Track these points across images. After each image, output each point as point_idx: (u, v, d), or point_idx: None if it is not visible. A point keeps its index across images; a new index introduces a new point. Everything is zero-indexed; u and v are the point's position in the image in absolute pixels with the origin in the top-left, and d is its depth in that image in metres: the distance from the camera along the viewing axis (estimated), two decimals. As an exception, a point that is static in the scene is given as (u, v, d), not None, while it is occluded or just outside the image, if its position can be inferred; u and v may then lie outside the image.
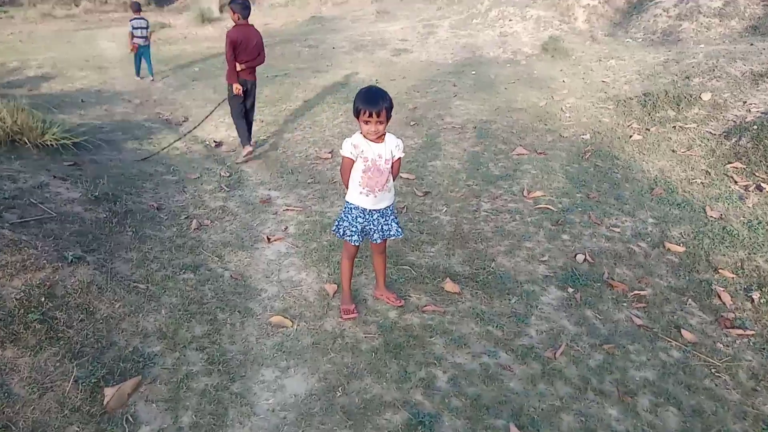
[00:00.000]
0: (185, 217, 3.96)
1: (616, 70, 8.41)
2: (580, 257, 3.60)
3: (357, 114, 2.59)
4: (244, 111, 5.59)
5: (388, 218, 2.83)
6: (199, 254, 3.46)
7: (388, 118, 2.60)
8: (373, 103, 2.52)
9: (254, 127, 6.53)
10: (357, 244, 2.81)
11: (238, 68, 5.41)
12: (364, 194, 2.73)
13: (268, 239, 3.72)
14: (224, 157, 5.63)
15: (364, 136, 2.64)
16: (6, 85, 8.56)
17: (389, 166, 2.72)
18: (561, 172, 4.97)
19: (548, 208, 4.28)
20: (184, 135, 6.18)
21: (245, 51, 5.41)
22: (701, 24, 9.92)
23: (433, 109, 6.87)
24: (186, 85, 8.91)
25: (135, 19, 9.72)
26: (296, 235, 3.82)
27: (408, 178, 4.89)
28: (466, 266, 3.49)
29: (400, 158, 2.79)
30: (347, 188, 2.79)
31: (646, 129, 5.92)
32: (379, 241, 2.83)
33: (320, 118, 6.86)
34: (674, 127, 5.85)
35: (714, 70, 6.92)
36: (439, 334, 2.81)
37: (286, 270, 3.38)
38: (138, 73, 9.76)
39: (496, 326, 2.90)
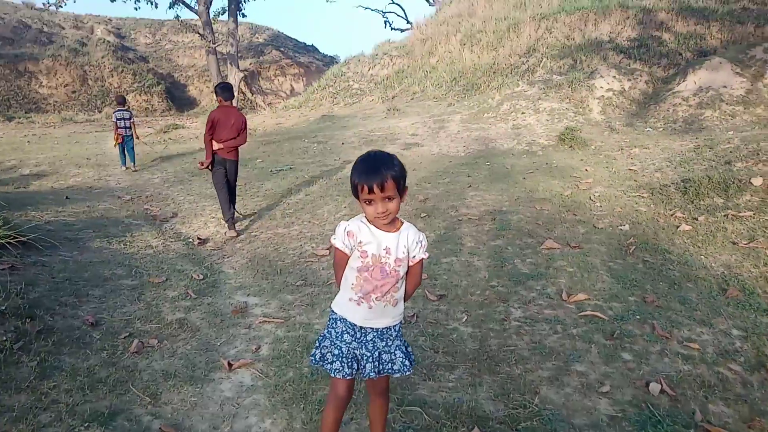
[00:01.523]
0: (126, 336, 3.09)
1: (642, 158, 7.78)
2: (654, 387, 2.64)
3: (355, 193, 1.83)
4: (227, 188, 5.70)
5: (390, 343, 1.97)
6: (123, 394, 2.55)
7: (401, 191, 1.82)
8: (373, 172, 1.76)
9: (247, 221, 5.92)
10: (346, 377, 1.91)
11: (216, 146, 5.59)
12: (354, 302, 1.90)
13: (229, 365, 2.81)
14: (205, 256, 4.86)
15: (370, 222, 1.86)
16: (-7, 183, 8.12)
17: (401, 269, 1.91)
18: (603, 269, 4.11)
19: (597, 316, 3.37)
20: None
21: (224, 130, 5.61)
22: (725, 112, 9.44)
23: (446, 200, 6.17)
24: (183, 181, 8.41)
25: (119, 110, 9.91)
26: (269, 359, 2.92)
27: (418, 279, 4.04)
28: (500, 403, 2.55)
29: (422, 261, 1.97)
30: (339, 285, 1.99)
31: (694, 218, 5.11)
32: (373, 376, 1.94)
33: (321, 212, 6.18)
34: (726, 216, 5.04)
35: (758, 153, 6.23)
36: None
37: (244, 416, 2.44)
38: (124, 164, 9.79)
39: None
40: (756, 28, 11.26)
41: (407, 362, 1.98)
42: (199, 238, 5.39)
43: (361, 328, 1.92)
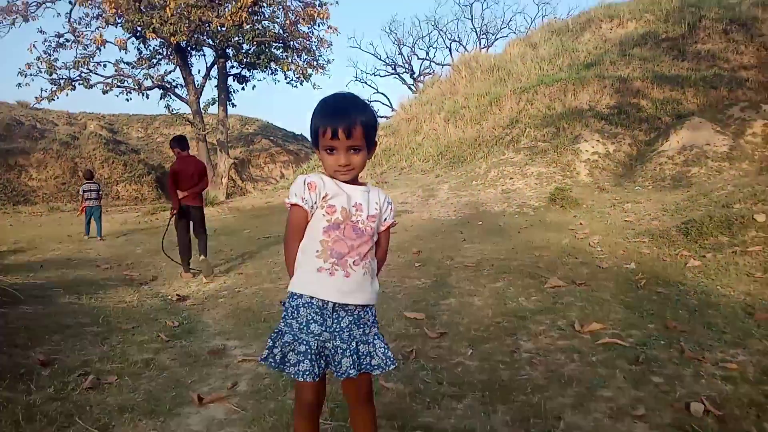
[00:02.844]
0: (80, 375, 2.66)
1: (636, 211, 7.66)
2: (696, 408, 2.26)
3: (315, 140, 1.56)
4: (189, 237, 6.01)
5: (367, 330, 1.60)
6: (66, 427, 2.12)
7: (370, 145, 1.56)
8: (339, 113, 1.50)
9: (231, 279, 5.60)
10: (310, 379, 1.52)
11: (181, 195, 5.87)
12: (326, 272, 1.53)
13: (200, 399, 2.39)
14: (182, 309, 4.46)
15: (331, 176, 1.58)
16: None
17: (373, 226, 1.61)
18: (616, 302, 3.79)
19: (617, 343, 3.02)
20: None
21: (185, 179, 5.90)
22: (711, 168, 9.50)
23: (440, 252, 5.90)
24: (167, 250, 8.08)
25: (86, 183, 10.81)
26: (247, 394, 2.50)
27: (416, 318, 3.68)
28: (519, 429, 2.15)
29: (389, 227, 1.68)
30: (291, 273, 1.64)
31: (701, 256, 4.87)
32: (353, 374, 1.54)
33: (309, 270, 5.85)
34: (734, 252, 4.81)
35: (755, 195, 6.12)
36: None
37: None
38: (87, 232, 10.23)
39: None
40: (729, 92, 11.66)
41: (389, 354, 1.60)
42: (178, 295, 5.00)
43: (333, 311, 1.55)
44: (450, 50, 36.35)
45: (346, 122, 1.47)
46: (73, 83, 19.22)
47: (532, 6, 47.84)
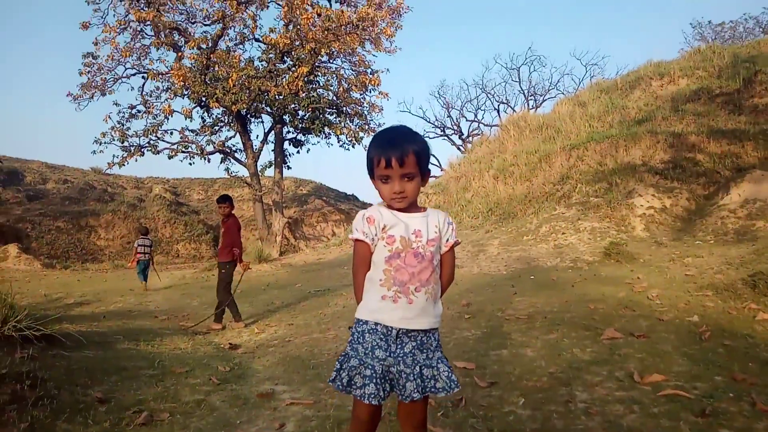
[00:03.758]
0: (134, 411, 2.75)
1: (697, 265, 7.31)
2: (770, 460, 2.11)
3: (371, 170, 1.65)
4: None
5: (431, 355, 1.64)
6: None
7: (423, 173, 1.64)
8: (392, 144, 1.59)
9: (282, 330, 5.72)
10: (375, 402, 1.56)
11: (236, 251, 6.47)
12: (389, 299, 1.60)
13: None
14: (234, 356, 4.55)
15: (388, 206, 1.66)
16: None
17: (434, 250, 1.65)
18: (678, 354, 3.60)
19: (680, 395, 2.86)
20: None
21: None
22: (778, 221, 9.03)
23: (491, 305, 5.81)
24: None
25: (141, 238, 12.05)
26: (296, 433, 2.52)
27: (465, 368, 3.62)
28: (574, 475, 2.06)
29: (454, 246, 1.73)
30: (359, 300, 1.71)
31: (771, 309, 4.59)
32: (417, 397, 1.58)
33: (359, 322, 5.87)
34: (808, 305, 4.51)
35: (828, 246, 5.76)
36: None
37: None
38: (144, 280, 11.36)
39: None
40: (791, 144, 11.22)
41: (453, 377, 1.63)
42: (230, 344, 5.12)
43: (397, 337, 1.61)
44: (498, 111, 36.86)
45: (398, 151, 1.56)
46: (142, 149, 20.64)
47: (580, 68, 48.39)
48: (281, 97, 19.04)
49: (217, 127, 21.99)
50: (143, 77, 20.61)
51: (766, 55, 15.03)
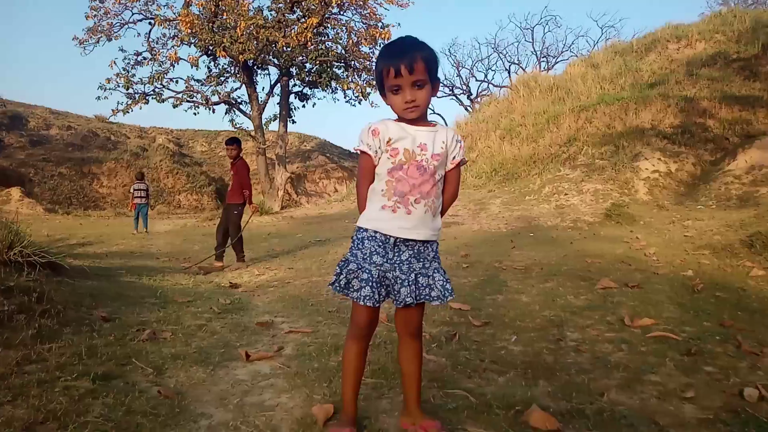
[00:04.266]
0: (137, 330, 2.84)
1: (697, 227, 7.34)
2: (751, 393, 2.17)
3: (380, 82, 1.66)
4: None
5: (427, 264, 1.69)
6: (124, 365, 2.28)
7: (433, 81, 1.63)
8: (400, 52, 1.59)
9: (282, 273, 5.80)
10: (370, 304, 1.63)
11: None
12: (389, 209, 1.64)
13: (247, 356, 2.50)
14: (234, 293, 4.63)
15: (399, 116, 1.67)
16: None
17: (439, 165, 1.67)
18: (669, 303, 3.66)
19: (668, 337, 2.93)
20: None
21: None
22: (782, 188, 8.99)
23: (489, 257, 5.87)
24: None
25: (136, 183, 12.26)
26: (292, 356, 2.59)
27: (460, 309, 3.69)
28: (561, 400, 2.13)
29: (460, 165, 1.75)
30: (361, 211, 1.75)
31: (766, 267, 4.63)
32: (410, 302, 1.64)
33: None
34: (804, 265, 4.55)
35: (829, 210, 5.76)
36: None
37: (258, 392, 2.12)
38: (136, 227, 11.44)
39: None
40: (804, 113, 11.06)
41: (448, 287, 1.69)
42: (230, 283, 5.21)
43: (394, 245, 1.66)
44: (509, 72, 36.19)
45: (407, 59, 1.56)
46: (147, 97, 20.40)
47: (596, 29, 47.03)
48: (289, 48, 18.68)
49: (223, 78, 21.63)
50: (150, 23, 20.19)
51: (787, 21, 14.64)
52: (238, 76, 21.50)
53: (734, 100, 12.02)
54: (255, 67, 21.37)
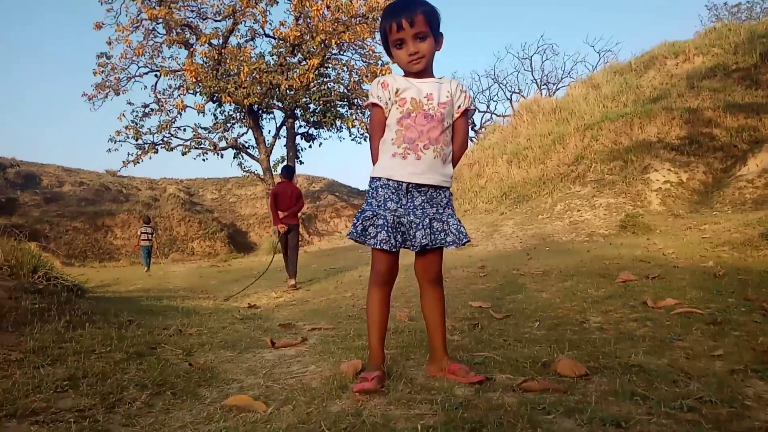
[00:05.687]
0: (163, 328, 2.86)
1: (714, 230, 7.28)
2: (780, 346, 2.13)
3: (385, 40, 1.73)
4: (287, 249, 7.00)
5: (441, 210, 1.72)
6: (154, 348, 2.31)
7: (436, 35, 1.71)
8: (400, 7, 1.68)
9: (300, 294, 5.82)
10: (387, 248, 1.65)
11: (281, 214, 6.95)
12: (399, 156, 1.70)
13: (272, 343, 2.51)
14: (254, 312, 4.64)
15: (404, 70, 1.74)
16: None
17: (446, 113, 1.72)
18: (692, 288, 3.62)
19: (693, 312, 2.89)
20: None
21: (284, 201, 7.04)
22: (796, 189, 8.93)
23: (506, 267, 5.85)
24: (239, 280, 8.46)
25: (144, 226, 13.81)
26: (315, 344, 2.60)
27: (481, 306, 3.67)
28: (588, 361, 2.11)
29: (467, 113, 1.80)
30: (375, 163, 1.80)
31: (788, 255, 4.57)
32: (425, 243, 1.67)
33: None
34: (826, 250, 4.49)
35: None
36: (563, 413, 1.41)
37: (286, 365, 2.14)
38: (147, 265, 12.82)
39: (678, 408, 1.45)
40: (809, 116, 11.07)
41: (462, 230, 1.71)
42: (249, 304, 5.23)
43: (407, 191, 1.69)
44: (511, 101, 36.64)
45: (407, 12, 1.65)
46: (156, 147, 20.90)
47: (593, 55, 47.87)
48: (292, 91, 19.18)
49: (229, 124, 22.18)
50: (156, 75, 20.88)
51: (782, 30, 14.83)
52: (243, 120, 22.02)
53: (738, 109, 12.08)
54: (260, 111, 21.88)
